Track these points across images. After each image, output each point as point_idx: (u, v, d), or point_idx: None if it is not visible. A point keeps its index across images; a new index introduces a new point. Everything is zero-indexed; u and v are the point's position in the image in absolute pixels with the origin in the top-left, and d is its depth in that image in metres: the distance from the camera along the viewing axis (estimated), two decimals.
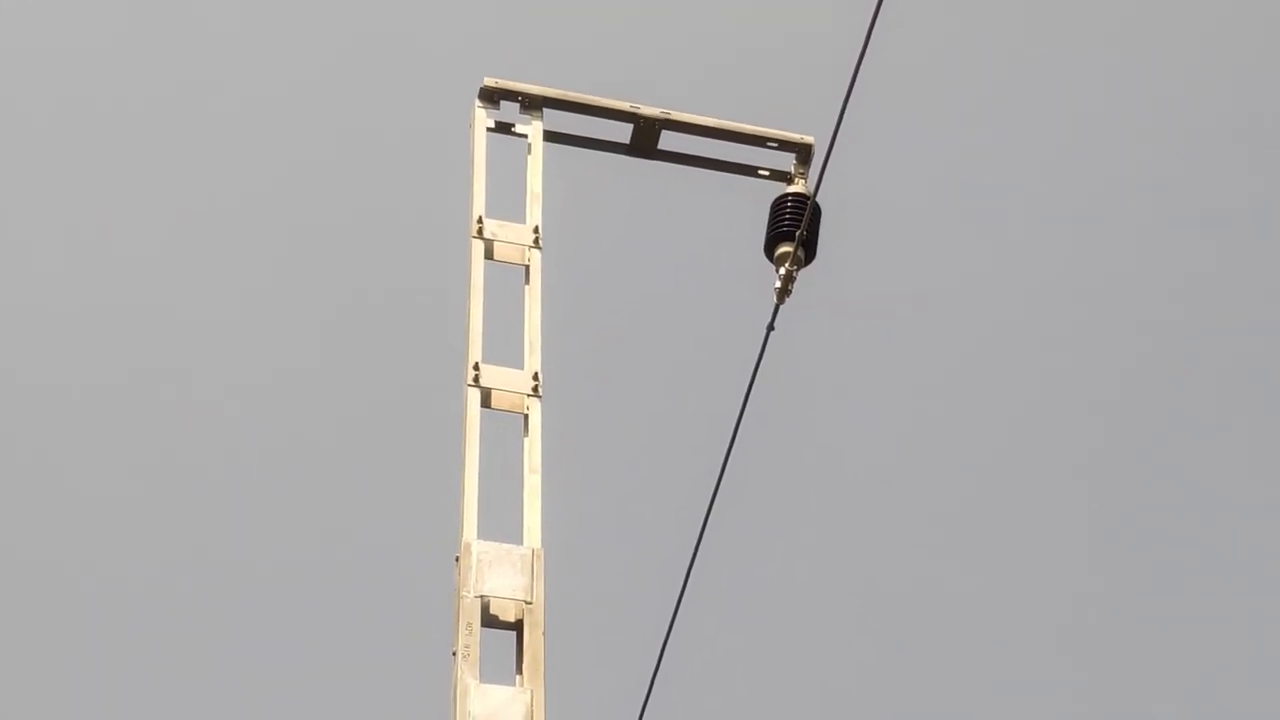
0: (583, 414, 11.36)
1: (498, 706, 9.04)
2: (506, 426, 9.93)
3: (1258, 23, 23.79)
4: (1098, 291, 23.47)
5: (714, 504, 9.45)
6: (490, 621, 9.29)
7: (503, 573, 9.39)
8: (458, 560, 9.42)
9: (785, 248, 10.44)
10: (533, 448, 9.84)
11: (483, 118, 10.86)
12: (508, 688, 9.15)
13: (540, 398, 10.00)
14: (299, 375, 22.53)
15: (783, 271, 10.36)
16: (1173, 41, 23.77)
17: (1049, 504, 23.19)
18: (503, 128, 10.90)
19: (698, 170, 11.22)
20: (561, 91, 10.97)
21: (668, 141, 11.10)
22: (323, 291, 22.67)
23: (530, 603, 9.34)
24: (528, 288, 10.38)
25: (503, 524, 9.58)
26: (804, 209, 10.52)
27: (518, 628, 9.32)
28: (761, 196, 10.89)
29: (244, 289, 22.74)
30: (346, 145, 22.70)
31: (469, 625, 9.20)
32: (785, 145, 11.10)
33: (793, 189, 10.89)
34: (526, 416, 9.95)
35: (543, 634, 9.27)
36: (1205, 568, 23.08)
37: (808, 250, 10.46)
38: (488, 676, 9.14)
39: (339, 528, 21.91)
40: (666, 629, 9.62)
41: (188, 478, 22.36)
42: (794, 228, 10.48)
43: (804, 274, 10.42)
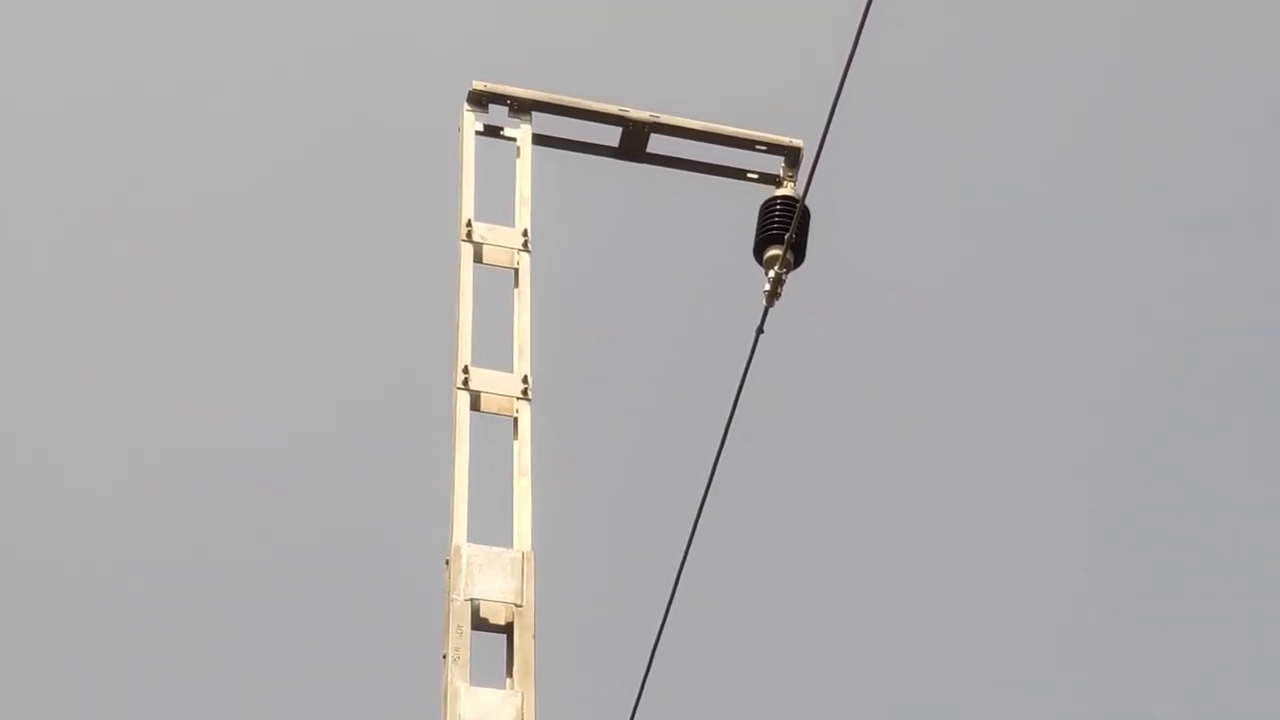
0: (572, 417, 11.35)
1: (488, 710, 9.04)
2: (496, 429, 9.94)
3: (1258, 23, 23.81)
4: (1098, 291, 23.47)
5: (704, 507, 9.45)
6: (480, 624, 9.29)
7: (493, 576, 9.38)
8: (448, 563, 9.42)
9: (774, 250, 10.44)
10: (522, 451, 9.84)
11: (471, 121, 10.86)
12: (498, 691, 9.15)
13: (530, 400, 10.00)
14: (287, 378, 22.52)
15: (772, 274, 10.35)
16: (1173, 41, 23.78)
17: (1049, 504, 23.19)
18: (492, 131, 10.90)
19: (687, 173, 11.22)
20: (550, 95, 10.97)
21: (656, 145, 11.10)
22: (312, 295, 22.66)
23: (520, 605, 9.33)
24: (517, 291, 10.39)
25: (493, 527, 9.58)
26: (793, 212, 10.52)
27: (508, 630, 9.31)
28: (750, 199, 10.90)
29: (232, 291, 22.73)
30: (335, 149, 22.69)
31: (459, 628, 9.19)
32: (774, 148, 11.10)
33: (782, 192, 10.90)
34: (516, 419, 9.95)
35: (533, 637, 9.27)
36: (1205, 568, 23.08)
37: (797, 253, 10.46)
38: (478, 679, 9.14)
39: (329, 531, 21.90)
40: (657, 632, 9.62)
41: (178, 480, 22.35)
42: (783, 230, 10.48)
43: (793, 277, 10.42)
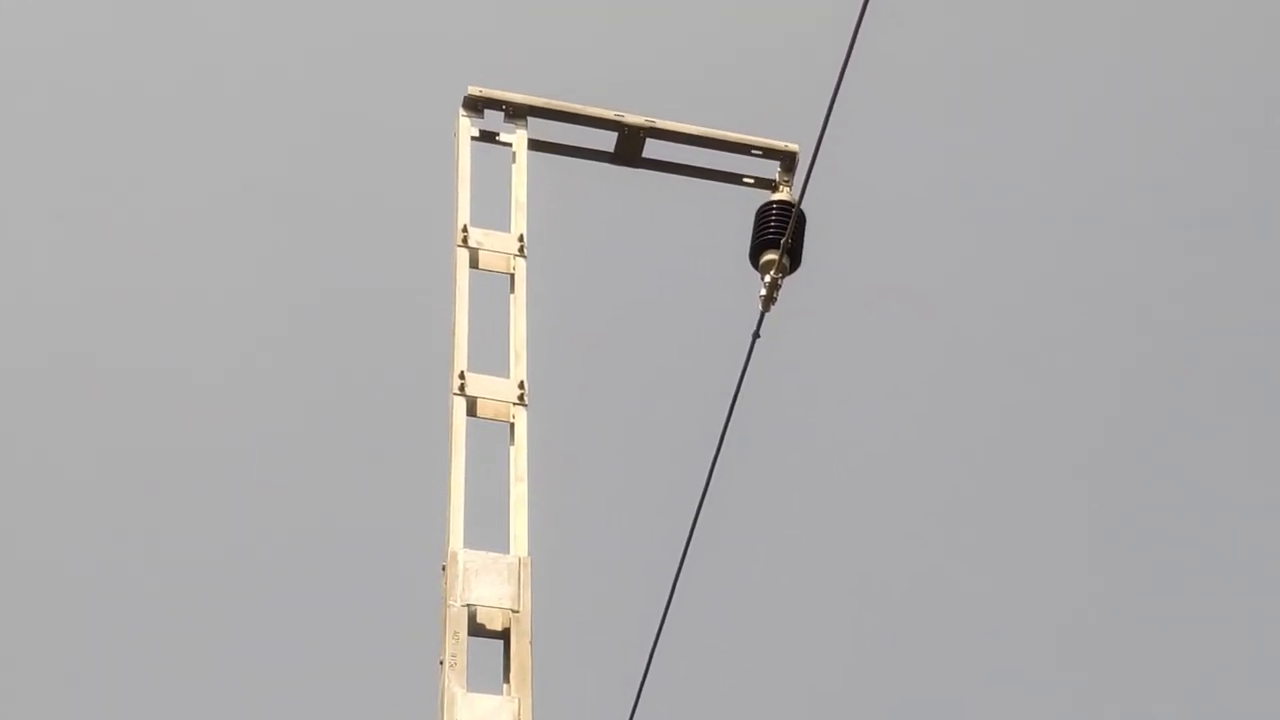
0: (569, 422, 11.35)
1: (485, 715, 9.03)
2: (492, 435, 9.93)
3: (1258, 23, 23.82)
4: (1098, 291, 23.48)
5: (700, 511, 9.45)
6: (477, 630, 9.29)
7: (489, 581, 9.37)
8: (444, 569, 9.41)
9: (770, 255, 10.44)
10: (519, 456, 9.83)
11: (467, 126, 10.85)
12: (495, 696, 9.14)
13: (526, 406, 9.99)
14: (283, 383, 22.50)
15: (768, 279, 10.36)
16: (1173, 41, 23.78)
17: (1049, 504, 23.19)
18: (487, 136, 10.89)
19: (682, 178, 11.22)
20: (546, 100, 10.96)
21: (652, 150, 11.09)
22: (308, 300, 22.65)
23: (517, 611, 9.33)
24: (513, 296, 10.38)
25: (489, 533, 9.57)
26: (789, 216, 10.52)
27: (505, 636, 9.31)
28: (746, 204, 10.89)
29: (227, 295, 22.71)
30: (331, 153, 22.69)
31: (456, 634, 9.19)
32: (770, 153, 11.10)
33: (777, 196, 10.89)
34: (512, 425, 9.94)
35: (530, 642, 9.26)
36: (1205, 568, 23.09)
37: (793, 258, 10.46)
38: (475, 685, 9.13)
39: (325, 536, 21.89)
40: (654, 636, 9.62)
41: (175, 484, 22.33)
42: (779, 235, 10.47)
43: (789, 281, 10.42)
